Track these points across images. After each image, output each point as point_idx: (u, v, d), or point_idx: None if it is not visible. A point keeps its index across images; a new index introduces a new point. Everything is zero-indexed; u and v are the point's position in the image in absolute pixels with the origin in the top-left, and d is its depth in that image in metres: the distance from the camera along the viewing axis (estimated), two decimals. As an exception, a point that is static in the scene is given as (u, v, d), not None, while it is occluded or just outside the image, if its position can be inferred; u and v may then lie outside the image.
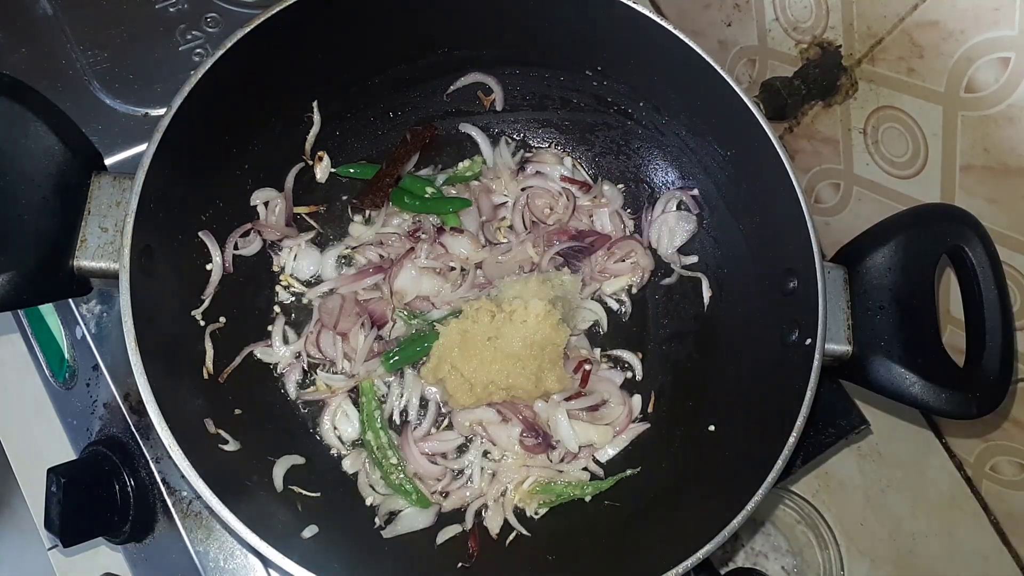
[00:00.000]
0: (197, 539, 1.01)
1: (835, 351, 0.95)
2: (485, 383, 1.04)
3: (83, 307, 1.08)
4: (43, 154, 0.86)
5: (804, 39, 1.24)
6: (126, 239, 0.84)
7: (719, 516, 0.86)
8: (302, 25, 0.98)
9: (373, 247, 1.15)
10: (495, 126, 1.24)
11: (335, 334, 1.08)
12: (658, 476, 1.07)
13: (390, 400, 1.09)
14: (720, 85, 0.99)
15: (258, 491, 0.95)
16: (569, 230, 1.18)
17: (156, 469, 1.03)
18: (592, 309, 1.17)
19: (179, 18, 1.20)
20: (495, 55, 1.16)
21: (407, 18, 1.07)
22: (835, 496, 1.35)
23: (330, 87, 1.11)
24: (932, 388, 0.93)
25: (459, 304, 1.10)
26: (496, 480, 1.07)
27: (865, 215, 1.29)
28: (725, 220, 1.14)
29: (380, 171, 1.16)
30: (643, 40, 1.03)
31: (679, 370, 1.16)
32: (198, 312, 1.01)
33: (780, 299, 1.01)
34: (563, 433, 1.07)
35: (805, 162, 1.36)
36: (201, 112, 0.91)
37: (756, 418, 0.99)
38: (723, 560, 1.26)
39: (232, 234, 1.06)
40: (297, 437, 1.07)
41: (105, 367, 1.06)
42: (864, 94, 1.19)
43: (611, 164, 1.24)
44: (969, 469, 1.37)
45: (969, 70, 1.02)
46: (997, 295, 0.94)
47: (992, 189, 1.08)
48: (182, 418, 0.86)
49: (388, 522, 1.03)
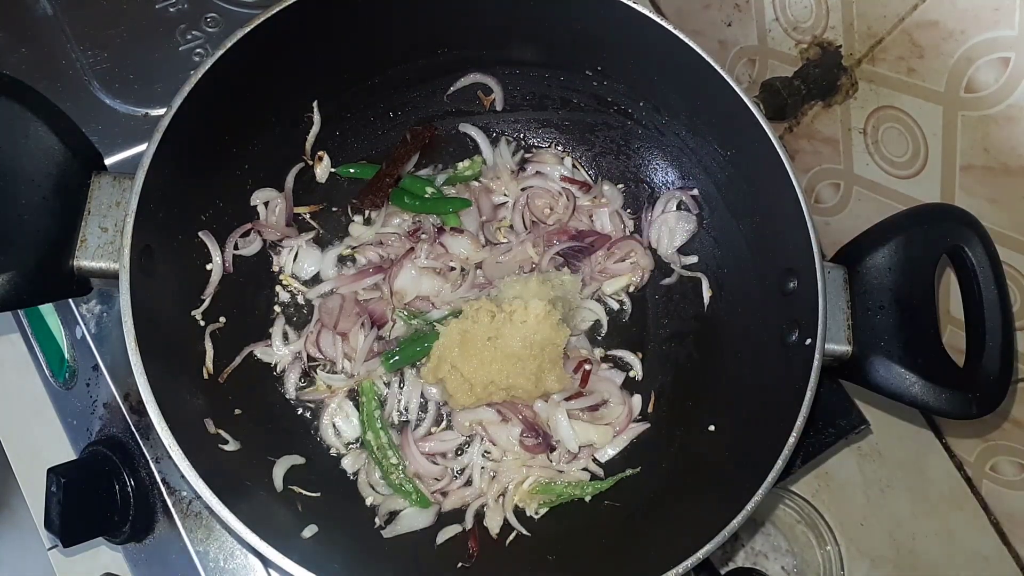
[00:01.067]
0: (197, 539, 1.01)
1: (835, 351, 0.95)
2: (485, 383, 1.04)
3: (83, 307, 1.08)
4: (43, 154, 0.86)
5: (804, 39, 1.24)
6: (126, 239, 0.84)
7: (719, 516, 0.86)
8: (302, 25, 0.98)
9: (373, 247, 1.15)
10: (495, 126, 1.24)
11: (335, 334, 1.08)
12: (658, 476, 1.07)
13: (390, 400, 1.09)
14: (720, 85, 0.99)
15: (258, 491, 0.95)
16: (569, 230, 1.18)
17: (156, 469, 1.03)
18: (592, 309, 1.17)
19: (179, 18, 1.20)
20: (495, 55, 1.16)
21: (407, 18, 1.07)
22: (835, 496, 1.35)
23: (330, 87, 1.11)
24: (932, 388, 0.93)
25: (459, 304, 1.10)
26: (496, 480, 1.07)
27: (865, 215, 1.29)
28: (725, 220, 1.14)
29: (380, 171, 1.16)
30: (643, 40, 1.03)
31: (679, 370, 1.16)
32: (198, 312, 1.01)
33: (780, 299, 1.01)
34: (563, 433, 1.07)
35: (805, 162, 1.36)
36: (201, 112, 0.91)
37: (756, 418, 0.99)
38: (723, 560, 1.26)
39: (232, 234, 1.06)
40: (297, 437, 1.06)
41: (105, 367, 1.06)
42: (864, 94, 1.19)
43: (611, 164, 1.24)
44: (969, 469, 1.37)
45: (969, 70, 1.02)
46: (997, 295, 0.94)
47: (992, 189, 1.08)
48: (182, 418, 0.86)
49: (388, 522, 1.03)
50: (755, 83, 1.37)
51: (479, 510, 1.06)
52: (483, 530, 1.05)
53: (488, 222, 1.18)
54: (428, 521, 1.04)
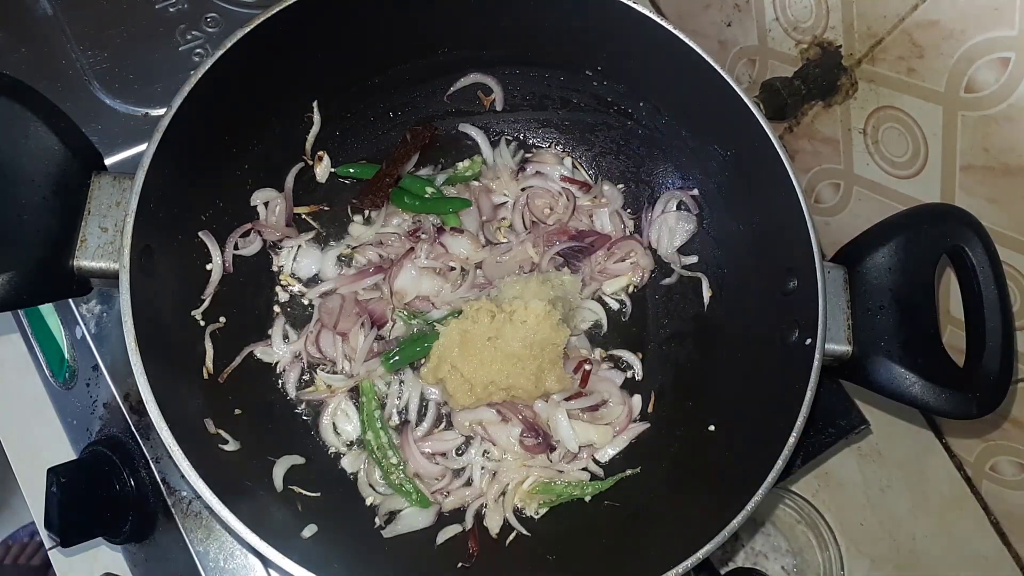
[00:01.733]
0: (197, 539, 1.01)
1: (835, 351, 0.95)
2: (485, 383, 1.04)
3: (83, 307, 1.08)
4: (43, 154, 0.86)
5: (804, 39, 1.24)
6: (126, 239, 0.84)
7: (719, 516, 0.86)
8: (302, 25, 0.98)
9: (373, 247, 1.15)
10: (495, 126, 1.24)
11: (335, 334, 1.08)
12: (658, 476, 1.07)
13: (390, 400, 1.09)
14: (720, 85, 0.99)
15: (258, 491, 0.95)
16: (569, 230, 1.18)
17: (156, 469, 1.03)
18: (592, 309, 1.17)
19: (179, 18, 1.20)
20: (495, 55, 1.16)
21: (407, 18, 1.07)
22: (835, 496, 1.34)
23: (330, 87, 1.11)
24: (932, 388, 0.93)
25: (459, 304, 1.10)
26: (496, 480, 1.07)
27: (865, 215, 1.29)
28: (725, 220, 1.14)
29: (380, 171, 1.16)
30: (643, 40, 1.03)
31: (679, 370, 1.16)
32: (198, 312, 1.01)
33: (780, 299, 1.01)
34: (563, 433, 1.07)
35: (805, 162, 1.36)
36: (201, 112, 0.91)
37: (756, 418, 0.99)
38: (723, 560, 1.26)
39: (232, 234, 1.06)
40: (297, 437, 1.06)
41: (105, 367, 1.06)
42: (864, 94, 1.19)
43: (611, 164, 1.24)
44: (969, 469, 1.37)
45: (969, 70, 1.02)
46: (997, 295, 0.94)
47: (992, 189, 1.08)
48: (182, 418, 0.86)
49: (388, 522, 1.03)
50: (755, 83, 1.37)
51: (479, 510, 1.06)
52: (483, 530, 1.05)
53: (488, 222, 1.18)
54: (428, 521, 1.04)
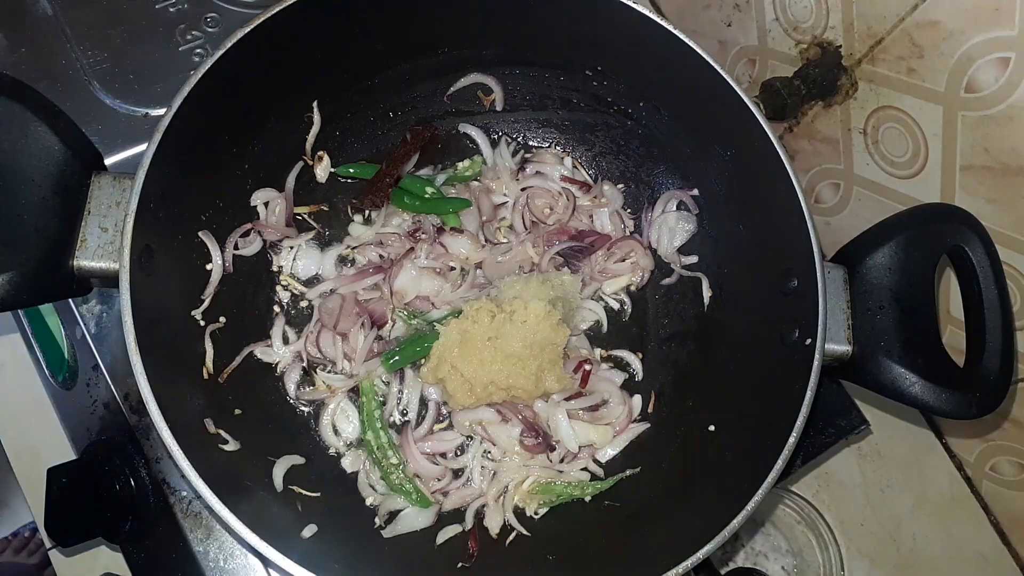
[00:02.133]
0: (197, 539, 1.01)
1: (835, 351, 0.95)
2: (485, 383, 1.04)
3: (83, 307, 1.08)
4: (43, 154, 0.86)
5: (804, 39, 1.24)
6: (126, 239, 0.84)
7: (719, 516, 0.86)
8: (302, 25, 0.98)
9: (373, 247, 1.15)
10: (495, 126, 1.24)
11: (335, 334, 1.08)
12: (658, 476, 1.07)
13: (390, 400, 1.09)
14: (720, 85, 0.99)
15: (258, 491, 0.95)
16: (569, 230, 1.18)
17: (156, 469, 1.03)
18: (592, 309, 1.17)
19: (179, 18, 1.20)
20: (495, 55, 1.16)
21: (407, 18, 1.07)
22: (835, 496, 1.35)
23: (330, 87, 1.11)
24: (932, 388, 0.93)
25: (459, 304, 1.10)
26: (496, 480, 1.07)
27: (865, 215, 1.29)
28: (725, 220, 1.14)
29: (380, 171, 1.16)
30: (643, 40, 1.03)
31: (679, 370, 1.16)
32: (198, 312, 1.01)
33: (780, 299, 1.01)
34: (563, 433, 1.07)
35: (805, 162, 1.36)
36: (201, 112, 0.91)
37: (756, 418, 0.99)
38: (723, 560, 1.26)
39: (232, 234, 1.06)
40: (297, 437, 1.07)
41: (105, 367, 1.06)
42: (864, 94, 1.19)
43: (611, 164, 1.24)
44: (969, 469, 1.37)
45: (969, 70, 1.02)
46: (997, 295, 0.94)
47: (992, 189, 1.08)
48: (182, 418, 0.86)
49: (388, 522, 1.03)
50: (755, 83, 1.37)
51: (479, 510, 1.06)
52: (483, 530, 1.04)
53: (488, 222, 1.18)
54: (428, 521, 1.04)
